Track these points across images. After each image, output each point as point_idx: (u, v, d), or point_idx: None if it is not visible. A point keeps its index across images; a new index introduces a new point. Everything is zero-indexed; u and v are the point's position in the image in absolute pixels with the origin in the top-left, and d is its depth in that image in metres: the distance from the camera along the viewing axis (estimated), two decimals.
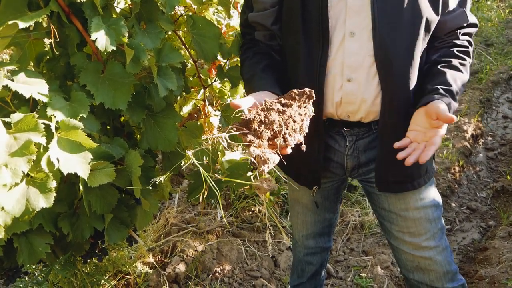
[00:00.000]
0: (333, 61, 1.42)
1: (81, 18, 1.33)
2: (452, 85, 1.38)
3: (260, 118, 1.13)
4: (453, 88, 1.38)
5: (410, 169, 1.46)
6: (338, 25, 1.40)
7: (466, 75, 1.46)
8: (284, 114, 1.16)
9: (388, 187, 1.56)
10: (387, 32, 1.35)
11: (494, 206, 3.57)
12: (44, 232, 1.39)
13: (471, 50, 1.51)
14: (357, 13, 1.37)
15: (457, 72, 1.43)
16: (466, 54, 1.49)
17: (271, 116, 1.14)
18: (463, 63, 1.47)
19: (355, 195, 3.51)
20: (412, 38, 1.38)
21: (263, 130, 1.12)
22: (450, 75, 1.41)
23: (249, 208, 3.27)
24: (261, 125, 1.12)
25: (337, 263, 2.89)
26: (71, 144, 1.21)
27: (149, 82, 1.49)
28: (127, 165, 1.39)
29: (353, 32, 1.39)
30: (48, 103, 1.22)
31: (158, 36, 1.44)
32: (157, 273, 2.51)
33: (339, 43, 1.41)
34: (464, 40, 1.50)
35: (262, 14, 1.51)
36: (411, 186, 1.53)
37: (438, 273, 1.60)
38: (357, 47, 1.39)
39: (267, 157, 1.10)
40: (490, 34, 8.44)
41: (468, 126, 4.71)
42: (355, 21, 1.38)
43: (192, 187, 1.90)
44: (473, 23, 1.51)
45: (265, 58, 1.55)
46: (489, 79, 6.26)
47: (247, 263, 2.78)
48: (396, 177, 1.52)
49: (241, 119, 1.15)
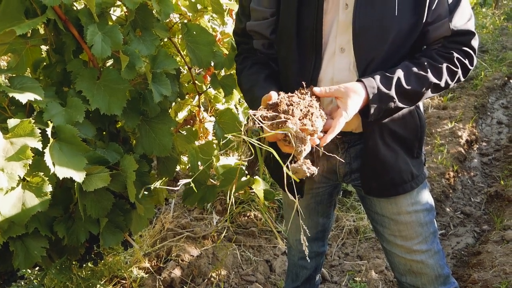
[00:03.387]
0: (324, 75, 1.45)
1: (77, 25, 1.36)
2: (395, 76, 1.33)
3: (286, 101, 1.17)
4: (394, 77, 1.33)
5: (391, 175, 1.52)
6: (330, 41, 1.42)
7: (432, 77, 1.37)
8: (304, 101, 1.21)
9: (372, 192, 1.59)
10: (368, 48, 1.37)
11: (488, 210, 3.59)
12: (39, 236, 1.40)
13: (456, 57, 1.40)
14: (346, 30, 1.39)
15: (416, 68, 1.36)
16: (445, 58, 1.40)
17: (294, 99, 1.19)
18: (434, 64, 1.39)
19: (350, 200, 3.53)
20: (394, 53, 1.39)
21: (292, 109, 1.15)
22: (405, 66, 1.37)
23: (245, 213, 3.29)
24: (290, 106, 1.17)
25: (332, 268, 2.90)
26: (66, 149, 1.23)
27: (144, 88, 1.51)
28: (122, 170, 1.41)
29: (343, 48, 1.41)
30: (45, 109, 1.24)
31: (153, 43, 1.47)
32: (152, 278, 2.52)
33: (329, 58, 1.43)
34: (453, 47, 1.42)
35: (262, 24, 1.51)
36: (395, 191, 1.55)
37: (429, 276, 1.61)
38: (346, 62, 1.42)
39: (303, 136, 1.12)
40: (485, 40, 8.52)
41: (462, 132, 4.75)
42: (344, 38, 1.40)
43: (187, 192, 1.92)
44: (463, 31, 1.40)
45: (265, 68, 1.55)
46: (484, 85, 6.31)
47: (243, 268, 2.79)
48: (379, 183, 1.55)
49: (268, 104, 1.19)
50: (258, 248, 3.00)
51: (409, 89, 1.35)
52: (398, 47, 1.38)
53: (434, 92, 1.42)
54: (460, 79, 1.45)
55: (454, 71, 1.41)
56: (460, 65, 1.41)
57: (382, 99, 1.32)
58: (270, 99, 1.23)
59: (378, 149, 1.48)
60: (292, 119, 1.14)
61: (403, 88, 1.34)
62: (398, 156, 1.51)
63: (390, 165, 1.50)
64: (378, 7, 1.34)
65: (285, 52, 1.50)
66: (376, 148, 1.47)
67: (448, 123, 4.97)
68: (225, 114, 1.87)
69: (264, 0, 1.48)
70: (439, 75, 1.38)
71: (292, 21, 1.44)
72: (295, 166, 1.15)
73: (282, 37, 1.50)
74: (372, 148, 1.48)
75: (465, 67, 1.42)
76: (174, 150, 1.76)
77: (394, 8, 1.33)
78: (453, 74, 1.41)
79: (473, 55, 1.43)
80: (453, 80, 1.42)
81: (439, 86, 1.40)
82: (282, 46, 1.51)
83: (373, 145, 1.48)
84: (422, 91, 1.38)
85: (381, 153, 1.48)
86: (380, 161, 1.49)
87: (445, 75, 1.39)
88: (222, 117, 1.87)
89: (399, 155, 1.51)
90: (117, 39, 1.34)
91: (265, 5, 1.48)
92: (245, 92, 1.56)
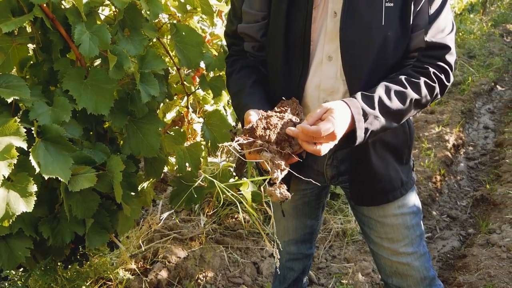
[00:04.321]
0: (311, 83, 1.45)
1: (65, 24, 1.34)
2: (376, 95, 1.30)
3: (262, 125, 1.19)
4: (374, 96, 1.29)
5: (382, 184, 1.52)
6: (318, 49, 1.42)
7: (412, 93, 1.33)
8: (283, 120, 1.22)
9: (363, 202, 1.60)
10: (354, 58, 1.37)
11: (474, 214, 3.62)
12: (24, 236, 1.39)
13: (432, 72, 1.36)
14: (334, 38, 1.39)
15: (395, 86, 1.33)
16: (421, 74, 1.36)
17: (272, 120, 1.20)
18: (412, 80, 1.35)
19: (337, 203, 3.54)
20: (382, 62, 1.38)
21: (269, 134, 1.17)
22: (384, 86, 1.33)
23: (233, 215, 3.28)
24: (266, 130, 1.18)
25: (319, 270, 2.91)
26: (52, 149, 1.22)
27: (132, 88, 1.50)
28: (109, 170, 1.40)
29: (330, 57, 1.41)
30: (31, 108, 1.23)
31: (142, 43, 1.46)
32: (139, 280, 2.50)
33: (317, 66, 1.43)
34: (427, 62, 1.38)
35: (253, 26, 1.51)
36: (386, 199, 1.56)
37: (415, 278, 1.63)
38: (333, 70, 1.42)
39: (279, 162, 1.14)
40: (473, 46, 8.61)
41: (450, 136, 4.79)
42: (332, 46, 1.40)
43: (174, 193, 1.91)
44: (438, 44, 1.36)
45: (254, 73, 1.55)
46: (471, 90, 6.37)
47: (230, 270, 2.79)
48: (369, 192, 1.56)
49: (245, 129, 1.21)
50: (246, 250, 2.99)
51: (391, 106, 1.30)
52: (386, 56, 1.38)
53: (416, 108, 1.38)
54: (438, 95, 1.40)
55: (432, 86, 1.36)
56: (437, 80, 1.37)
57: (368, 119, 1.27)
58: (249, 122, 1.24)
59: (370, 158, 1.48)
60: (269, 146, 1.15)
61: (386, 106, 1.30)
62: (388, 164, 1.52)
63: (381, 174, 1.51)
64: (366, 16, 1.34)
65: (273, 56, 1.50)
66: (368, 157, 1.48)
67: (436, 127, 5.01)
68: (213, 116, 1.86)
69: (255, 3, 1.47)
70: (418, 90, 1.34)
71: (281, 26, 1.43)
72: (270, 190, 1.17)
73: (271, 41, 1.50)
74: (364, 158, 1.48)
75: (442, 82, 1.38)
76: (162, 151, 1.75)
77: (381, 17, 1.33)
78: (432, 89, 1.37)
79: (449, 70, 1.39)
80: (432, 95, 1.38)
81: (420, 102, 1.36)
82: (271, 50, 1.52)
83: (364, 154, 1.48)
84: (405, 108, 1.33)
85: (373, 163, 1.49)
86: (372, 171, 1.50)
87: (424, 90, 1.35)
88: (210, 119, 1.86)
89: (390, 163, 1.52)
90: (105, 39, 1.33)
91: (257, 8, 1.48)
92: (233, 96, 1.56)
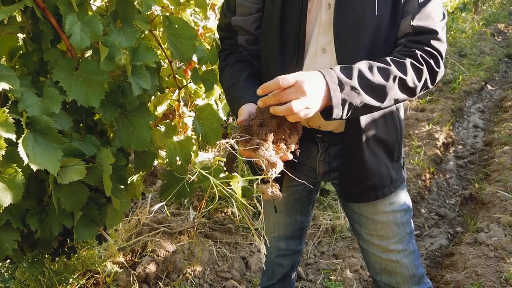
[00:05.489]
0: None
1: (56, 14, 1.32)
2: (355, 67, 1.25)
3: (258, 122, 1.18)
4: (353, 67, 1.25)
5: (372, 180, 1.52)
6: (313, 41, 1.42)
7: (396, 70, 1.28)
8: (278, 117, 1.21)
9: (352, 198, 1.60)
10: (349, 48, 1.37)
11: (462, 213, 3.65)
12: (11, 228, 1.37)
13: (419, 54, 1.32)
14: (327, 30, 1.39)
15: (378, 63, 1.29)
16: (407, 56, 1.33)
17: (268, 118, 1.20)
18: (397, 60, 1.31)
19: (327, 199, 3.55)
20: (376, 53, 1.36)
21: (266, 132, 1.16)
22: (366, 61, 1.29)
23: (222, 210, 3.28)
24: (262, 127, 1.18)
25: (308, 266, 2.91)
26: (41, 141, 1.20)
27: (123, 81, 1.49)
28: (99, 163, 1.38)
29: (324, 49, 1.41)
30: (20, 99, 1.21)
31: (134, 35, 1.45)
32: (127, 273, 2.49)
33: (311, 58, 1.43)
34: (414, 47, 1.35)
35: (247, 19, 1.50)
36: (375, 196, 1.56)
37: (404, 276, 1.63)
38: (327, 62, 1.41)
39: (274, 161, 1.14)
40: (464, 45, 8.65)
41: (439, 134, 4.82)
42: (326, 38, 1.40)
43: (164, 186, 1.90)
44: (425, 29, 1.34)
45: (247, 66, 1.54)
46: (461, 89, 6.41)
47: (218, 265, 2.79)
48: (359, 189, 1.56)
49: (242, 126, 1.21)
50: (235, 245, 2.99)
51: (373, 80, 1.24)
52: (379, 46, 1.38)
53: (403, 90, 1.31)
54: (428, 82, 1.36)
55: (419, 68, 1.32)
56: (426, 64, 1.33)
57: (344, 89, 1.21)
58: (243, 120, 1.24)
59: (363, 154, 1.48)
60: (265, 144, 1.15)
61: (366, 79, 1.24)
62: (380, 161, 1.52)
63: (372, 170, 1.51)
64: (358, 7, 1.33)
65: (268, 49, 1.50)
66: (361, 153, 1.48)
67: (426, 125, 5.04)
68: (205, 110, 1.85)
69: None
70: (404, 70, 1.29)
71: (276, 18, 1.43)
72: (263, 188, 1.18)
73: (266, 34, 1.49)
74: (357, 154, 1.48)
75: (431, 67, 1.34)
76: (152, 144, 1.74)
77: (374, 7, 1.33)
78: (419, 72, 1.32)
79: (438, 56, 1.35)
80: (420, 79, 1.33)
81: (407, 84, 1.30)
82: (265, 43, 1.51)
83: (357, 150, 1.48)
84: (388, 85, 1.27)
85: (365, 159, 1.49)
86: (363, 167, 1.50)
87: (410, 71, 1.30)
88: (201, 113, 1.85)
89: (381, 159, 1.52)
90: (97, 30, 1.31)
91: (251, 0, 1.47)
92: (226, 90, 1.55)
